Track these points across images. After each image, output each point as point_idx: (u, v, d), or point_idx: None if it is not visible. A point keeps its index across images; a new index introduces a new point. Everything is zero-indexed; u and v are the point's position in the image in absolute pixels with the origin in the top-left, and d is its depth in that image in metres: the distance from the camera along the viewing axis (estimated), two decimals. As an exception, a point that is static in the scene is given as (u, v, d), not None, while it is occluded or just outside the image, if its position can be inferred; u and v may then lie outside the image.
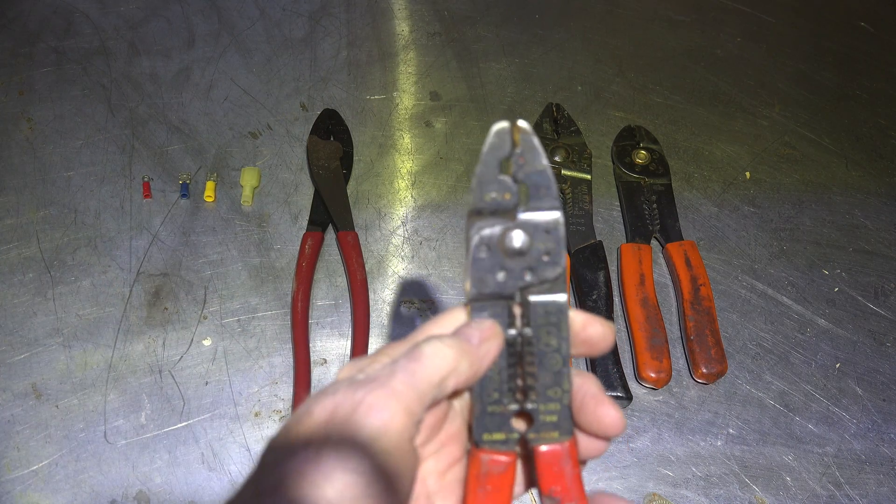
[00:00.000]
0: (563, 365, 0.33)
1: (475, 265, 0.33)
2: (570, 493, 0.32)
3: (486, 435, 0.33)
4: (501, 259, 0.33)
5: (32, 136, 0.74)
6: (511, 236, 0.33)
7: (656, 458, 0.61)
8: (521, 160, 0.33)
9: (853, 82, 0.87)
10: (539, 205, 0.33)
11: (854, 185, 0.79)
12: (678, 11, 0.92)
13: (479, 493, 0.33)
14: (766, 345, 0.68)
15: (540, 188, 0.33)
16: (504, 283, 0.33)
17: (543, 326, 0.33)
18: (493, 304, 0.33)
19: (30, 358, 0.62)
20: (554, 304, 0.33)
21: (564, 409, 0.33)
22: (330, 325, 0.66)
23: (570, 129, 0.77)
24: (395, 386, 0.29)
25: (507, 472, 0.33)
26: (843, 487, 0.61)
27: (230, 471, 0.58)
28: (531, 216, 0.33)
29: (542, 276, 0.33)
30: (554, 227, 0.33)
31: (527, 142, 0.33)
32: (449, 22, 0.88)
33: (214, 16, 0.86)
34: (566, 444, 0.33)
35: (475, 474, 0.33)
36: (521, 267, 0.33)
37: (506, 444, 0.33)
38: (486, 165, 0.33)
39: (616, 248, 0.71)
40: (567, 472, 0.33)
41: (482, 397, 0.33)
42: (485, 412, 0.33)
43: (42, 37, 0.82)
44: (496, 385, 0.33)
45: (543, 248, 0.33)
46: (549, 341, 0.33)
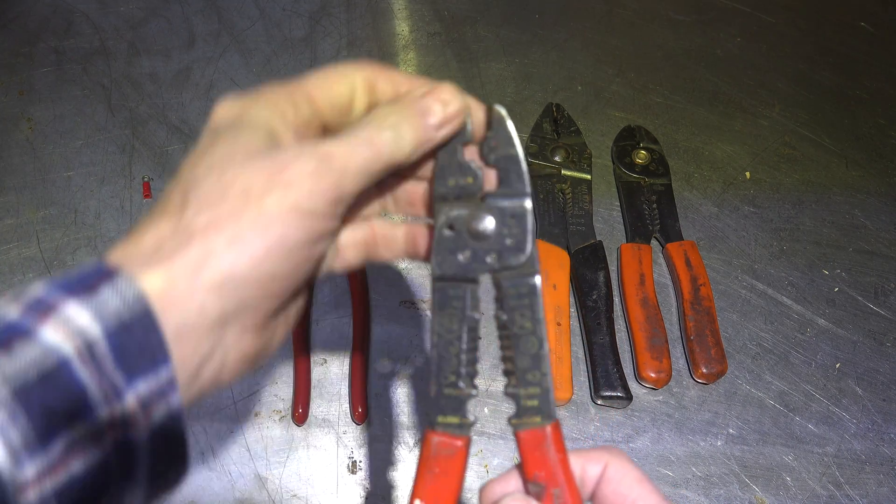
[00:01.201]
0: (541, 347, 0.33)
1: (439, 244, 0.33)
2: (555, 478, 0.32)
3: (441, 417, 0.33)
4: (467, 241, 0.33)
5: (32, 136, 0.74)
6: (477, 219, 0.33)
7: (656, 458, 0.61)
8: (493, 144, 0.33)
9: (853, 82, 0.87)
10: (508, 191, 0.33)
11: (854, 185, 0.79)
12: (678, 11, 0.92)
13: (428, 476, 0.32)
14: (766, 345, 0.68)
15: (510, 174, 0.33)
16: (468, 265, 0.33)
17: (517, 309, 0.33)
18: (455, 286, 0.33)
19: (30, 358, 0.62)
20: (527, 286, 0.33)
21: (545, 393, 0.33)
22: (330, 325, 0.66)
23: (570, 129, 0.77)
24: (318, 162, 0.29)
25: (458, 456, 0.33)
26: (843, 487, 0.61)
27: (230, 471, 0.58)
28: (499, 201, 0.33)
29: (506, 261, 0.33)
30: (521, 214, 0.33)
31: (500, 127, 0.33)
32: (449, 22, 0.88)
33: (214, 16, 0.86)
34: (548, 428, 0.33)
35: (426, 456, 0.33)
36: (486, 250, 0.33)
37: (459, 429, 0.33)
38: (447, 150, 0.33)
39: (616, 248, 0.71)
40: (550, 456, 0.32)
41: (439, 379, 0.33)
42: (441, 394, 0.33)
43: (42, 37, 0.82)
44: (453, 368, 0.33)
45: (509, 234, 0.33)
46: (524, 324, 0.33)
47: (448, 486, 0.33)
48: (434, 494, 0.32)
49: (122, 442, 0.26)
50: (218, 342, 0.29)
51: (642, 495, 0.32)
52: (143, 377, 0.26)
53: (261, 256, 0.28)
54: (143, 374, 0.26)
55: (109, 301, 0.26)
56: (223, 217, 0.28)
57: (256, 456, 0.59)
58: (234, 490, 0.58)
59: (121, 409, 0.26)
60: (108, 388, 0.25)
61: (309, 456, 0.60)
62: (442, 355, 0.33)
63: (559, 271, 0.67)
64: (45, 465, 0.24)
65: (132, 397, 0.26)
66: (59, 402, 0.24)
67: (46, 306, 0.25)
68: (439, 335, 0.33)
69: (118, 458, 0.26)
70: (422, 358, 0.64)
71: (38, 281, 0.27)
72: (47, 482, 0.24)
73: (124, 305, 0.26)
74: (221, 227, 0.28)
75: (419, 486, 0.33)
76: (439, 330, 0.33)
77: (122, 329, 0.26)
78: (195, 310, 0.27)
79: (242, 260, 0.28)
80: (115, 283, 0.26)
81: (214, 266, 0.28)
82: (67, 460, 0.25)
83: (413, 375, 0.64)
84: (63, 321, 0.25)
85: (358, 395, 0.61)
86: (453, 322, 0.33)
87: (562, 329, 0.64)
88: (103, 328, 0.26)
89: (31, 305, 0.25)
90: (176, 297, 0.27)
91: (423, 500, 0.32)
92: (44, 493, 0.24)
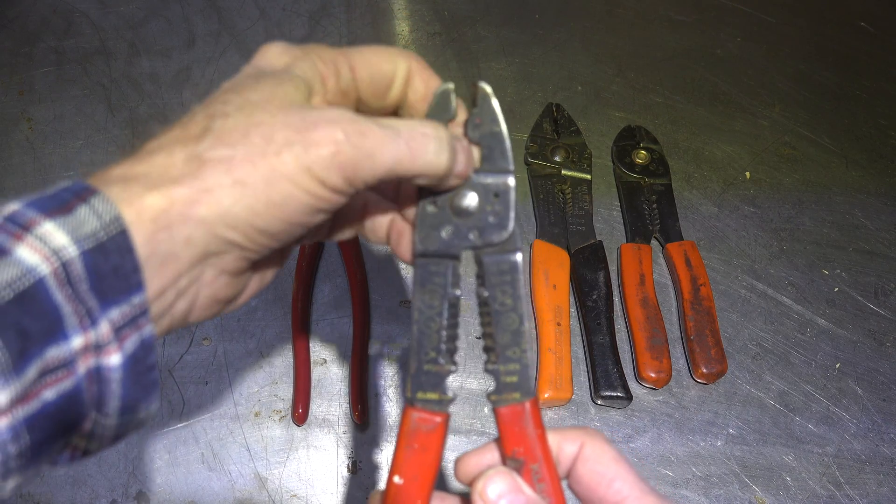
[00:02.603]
0: (521, 324, 0.33)
1: (422, 221, 0.33)
2: (534, 453, 0.32)
3: (420, 393, 0.33)
4: (450, 217, 0.33)
5: (32, 136, 0.74)
6: (460, 195, 0.33)
7: (656, 458, 0.61)
8: (477, 121, 0.33)
9: (853, 82, 0.87)
10: (491, 167, 0.33)
11: (854, 185, 0.79)
12: (678, 11, 0.92)
13: (407, 451, 0.33)
14: (766, 345, 0.68)
15: (494, 151, 0.33)
16: (449, 241, 0.33)
17: (498, 286, 0.33)
18: (437, 262, 0.33)
19: (30, 358, 0.62)
20: (508, 263, 0.33)
21: (524, 370, 0.33)
22: (330, 325, 0.66)
23: (570, 129, 0.77)
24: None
25: (437, 432, 0.33)
26: (843, 487, 0.61)
27: (230, 471, 0.58)
28: (482, 178, 0.33)
29: (488, 238, 0.33)
30: (504, 191, 0.33)
31: (485, 104, 0.33)
32: (449, 22, 0.88)
33: (214, 16, 0.86)
34: (526, 404, 0.33)
35: (405, 431, 0.33)
36: (469, 227, 0.33)
37: (439, 405, 0.33)
38: None
39: (616, 248, 0.71)
40: (529, 432, 0.32)
41: (419, 355, 0.33)
42: (420, 370, 0.33)
43: (42, 37, 0.82)
44: (434, 344, 0.33)
45: (491, 210, 0.33)
46: (505, 300, 0.33)
47: (427, 461, 0.33)
48: (413, 470, 0.33)
49: (95, 370, 0.26)
50: (195, 278, 0.29)
51: (619, 474, 0.32)
52: (117, 303, 0.26)
53: (259, 209, 0.28)
54: (117, 299, 0.26)
55: (87, 222, 0.25)
56: (238, 157, 0.28)
57: (256, 456, 0.59)
58: (234, 490, 0.58)
59: (94, 334, 0.25)
60: (82, 312, 0.25)
61: (309, 456, 0.60)
62: (422, 332, 0.33)
63: (559, 271, 0.67)
64: (18, 391, 0.23)
65: (105, 323, 0.25)
66: (34, 324, 0.24)
67: (22, 224, 0.25)
68: (420, 311, 0.33)
69: (90, 387, 0.26)
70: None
71: (13, 199, 0.26)
72: (20, 410, 0.24)
73: (101, 227, 0.26)
74: (233, 166, 0.28)
75: (398, 462, 0.33)
76: (420, 306, 0.33)
77: (98, 251, 0.25)
78: (182, 240, 0.27)
79: (241, 205, 0.28)
80: (91, 203, 0.26)
81: (213, 202, 0.27)
82: (40, 388, 0.24)
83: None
84: (39, 240, 0.24)
85: (358, 395, 0.61)
86: (434, 299, 0.33)
87: (562, 329, 0.64)
88: (80, 249, 0.25)
89: (6, 223, 0.25)
90: (170, 222, 0.27)
91: (401, 475, 0.32)
92: (15, 422, 0.24)
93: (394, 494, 0.32)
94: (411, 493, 0.32)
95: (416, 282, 0.33)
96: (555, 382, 0.61)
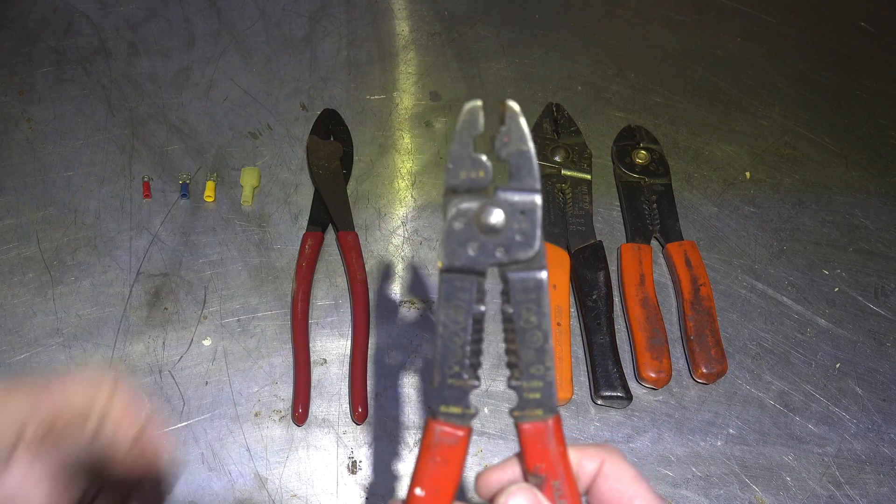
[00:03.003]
0: (545, 342, 0.34)
1: (449, 236, 0.33)
2: (555, 470, 0.33)
3: (444, 407, 0.33)
4: (476, 234, 0.33)
5: (32, 136, 0.74)
6: (487, 212, 0.33)
7: (656, 458, 0.61)
8: (505, 139, 0.33)
9: (853, 82, 0.87)
10: (519, 185, 0.33)
11: (854, 185, 0.79)
12: (678, 11, 0.92)
13: (429, 464, 0.33)
14: (766, 345, 0.68)
15: (521, 169, 0.33)
16: (476, 257, 0.33)
17: (523, 303, 0.34)
18: (463, 278, 0.34)
19: (30, 358, 0.62)
20: (533, 281, 0.34)
21: (547, 387, 0.33)
22: (330, 325, 0.66)
23: (570, 129, 0.77)
24: None
25: (459, 446, 0.33)
26: (843, 487, 0.61)
27: (230, 471, 0.58)
28: (509, 196, 0.33)
29: (514, 255, 0.33)
30: (531, 209, 0.33)
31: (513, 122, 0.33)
32: (449, 22, 0.88)
33: (214, 16, 0.86)
34: (549, 421, 0.33)
35: (427, 444, 0.33)
36: (495, 244, 0.33)
37: (461, 419, 0.33)
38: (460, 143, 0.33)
39: (616, 248, 0.71)
40: (552, 449, 0.33)
41: (443, 369, 0.34)
42: (444, 384, 0.33)
43: (42, 37, 0.82)
44: (458, 358, 0.34)
45: (518, 229, 0.33)
46: (530, 318, 0.33)
47: (448, 475, 0.33)
48: (434, 483, 0.33)
49: None
50: None
51: (639, 493, 0.33)
52: None
53: None
54: None
55: None
56: None
57: (256, 456, 0.59)
58: (234, 490, 0.58)
59: None
60: None
61: (309, 456, 0.60)
62: (447, 346, 0.33)
63: (559, 271, 0.67)
64: None
65: None
66: None
67: None
68: (445, 326, 0.34)
69: None
70: (421, 358, 0.64)
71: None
72: None
73: None
74: None
75: (419, 475, 0.33)
76: (445, 321, 0.34)
77: None
78: None
79: None
80: None
81: None
82: None
83: (413, 375, 0.64)
84: None
85: (358, 395, 0.61)
86: (459, 314, 0.34)
87: (562, 329, 0.64)
88: None
89: None
90: None
91: (423, 488, 0.33)
92: None
93: None
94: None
95: (442, 296, 0.34)
96: (555, 382, 0.61)
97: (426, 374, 0.64)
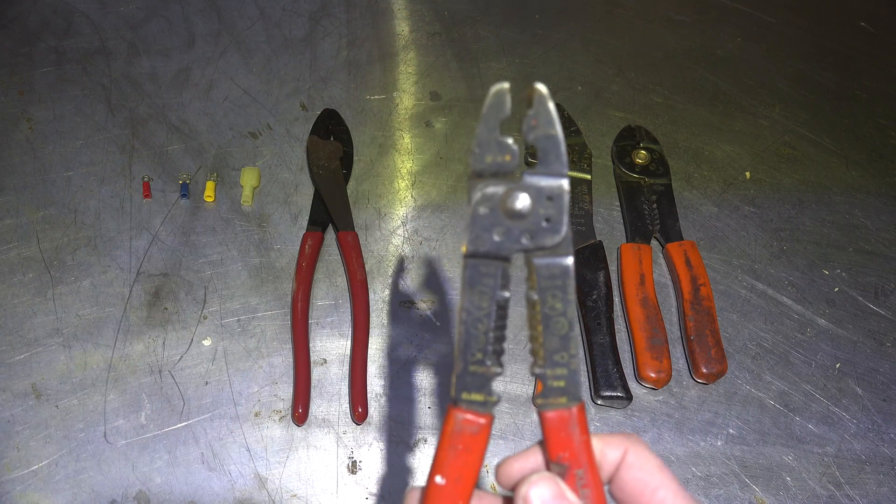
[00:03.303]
0: (570, 329, 0.33)
1: (474, 221, 0.33)
2: (579, 459, 0.32)
3: (465, 394, 0.33)
4: (501, 219, 0.33)
5: (32, 136, 0.74)
6: (513, 197, 0.32)
7: (656, 458, 0.61)
8: (533, 122, 0.33)
9: (853, 82, 0.87)
10: (546, 170, 0.33)
11: (854, 185, 0.79)
12: (678, 11, 0.92)
13: (450, 452, 0.32)
14: (766, 345, 0.68)
15: (549, 153, 0.33)
16: (501, 243, 0.33)
17: (549, 290, 0.33)
18: (487, 264, 0.33)
19: (30, 358, 0.62)
20: (559, 267, 0.33)
21: (572, 374, 0.33)
22: (330, 325, 0.66)
23: (570, 129, 0.77)
24: None
25: (481, 434, 0.33)
26: (843, 487, 0.61)
27: (230, 471, 0.58)
28: (536, 180, 0.33)
29: (540, 241, 0.33)
30: (558, 195, 0.32)
31: (542, 106, 0.32)
32: (449, 22, 0.88)
33: (214, 16, 0.86)
34: (574, 409, 0.33)
35: (449, 432, 0.33)
36: (521, 230, 0.33)
37: (483, 406, 0.33)
38: (486, 127, 0.33)
39: (616, 248, 0.71)
40: (575, 438, 0.32)
41: (465, 356, 0.33)
42: (466, 371, 0.33)
43: (42, 37, 0.82)
44: (480, 346, 0.33)
45: (545, 214, 0.33)
46: (555, 305, 0.33)
47: (470, 463, 0.32)
48: (455, 471, 0.32)
49: None
50: None
51: (664, 482, 0.32)
52: None
53: None
54: None
55: None
56: None
57: (256, 456, 0.59)
58: (234, 490, 0.58)
59: None
60: None
61: (309, 456, 0.60)
62: (469, 332, 0.33)
63: (559, 271, 0.67)
64: None
65: None
66: None
67: None
68: (468, 312, 0.33)
69: None
70: (421, 358, 0.64)
71: None
72: None
73: None
74: None
75: (440, 462, 0.33)
76: (468, 307, 0.33)
77: None
78: None
79: None
80: None
81: None
82: None
83: (413, 375, 0.64)
84: None
85: (358, 395, 0.61)
86: (483, 300, 0.33)
87: (562, 329, 0.64)
88: None
89: None
90: None
91: (444, 476, 0.32)
92: None
93: (435, 495, 0.32)
94: (453, 494, 0.32)
95: (465, 282, 0.33)
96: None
97: (427, 374, 0.64)
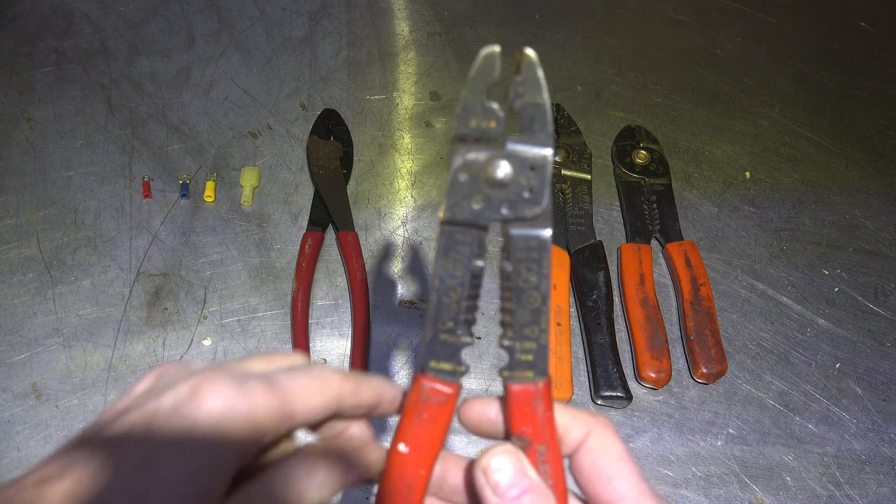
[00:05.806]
0: (543, 303, 0.32)
1: (452, 188, 0.32)
2: (541, 434, 0.31)
3: (434, 362, 0.32)
4: (481, 187, 0.32)
5: (32, 136, 0.74)
6: (494, 165, 0.31)
7: (656, 458, 0.61)
8: (520, 89, 0.31)
9: (853, 82, 0.87)
10: (530, 139, 0.31)
11: (854, 185, 0.79)
12: (678, 11, 0.92)
13: (415, 420, 0.32)
14: (766, 345, 0.68)
15: (535, 122, 0.31)
16: (480, 211, 0.32)
17: (524, 262, 0.32)
18: (464, 231, 0.32)
19: (30, 358, 0.62)
20: (537, 240, 0.32)
21: (541, 349, 0.32)
22: (330, 325, 0.66)
23: (570, 129, 0.77)
24: None
25: (447, 404, 0.32)
26: (843, 487, 0.61)
27: (230, 471, 0.58)
28: (520, 149, 0.31)
29: (520, 212, 0.32)
30: (541, 164, 0.31)
31: (530, 72, 0.31)
32: (449, 22, 0.88)
33: (214, 16, 0.86)
34: (540, 384, 0.32)
35: (414, 400, 0.32)
36: (501, 199, 0.32)
37: (451, 376, 0.32)
38: (472, 91, 0.32)
39: (616, 248, 0.71)
40: (539, 413, 0.32)
41: (436, 324, 0.32)
42: (436, 339, 0.32)
43: (42, 37, 0.82)
44: (452, 314, 0.32)
45: (526, 184, 0.31)
46: (529, 278, 0.32)
47: (434, 432, 0.32)
48: (419, 440, 0.32)
49: None
50: None
51: (621, 472, 0.31)
52: None
53: None
54: None
55: None
56: None
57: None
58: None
59: None
60: None
61: (309, 456, 0.59)
62: (441, 301, 0.32)
63: (559, 271, 0.67)
64: None
65: None
66: None
67: None
68: (441, 280, 0.32)
69: None
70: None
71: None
72: None
73: None
74: None
75: (404, 430, 0.32)
76: (441, 274, 0.32)
77: None
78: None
79: None
80: None
81: None
82: None
83: (413, 375, 0.64)
84: None
85: (358, 395, 0.61)
86: (457, 268, 0.32)
87: (562, 329, 0.64)
88: None
89: None
90: None
91: (407, 444, 0.32)
92: None
93: (397, 463, 0.32)
94: (416, 462, 0.32)
95: (440, 249, 0.32)
96: (555, 382, 0.61)
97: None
